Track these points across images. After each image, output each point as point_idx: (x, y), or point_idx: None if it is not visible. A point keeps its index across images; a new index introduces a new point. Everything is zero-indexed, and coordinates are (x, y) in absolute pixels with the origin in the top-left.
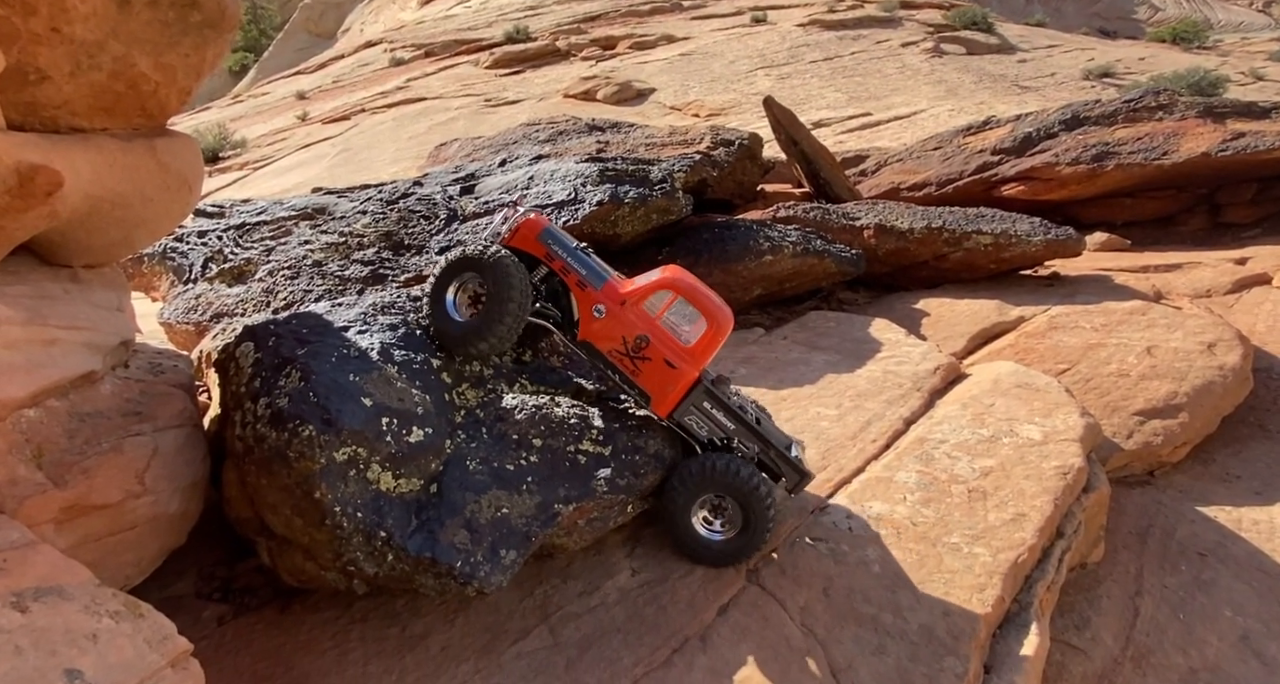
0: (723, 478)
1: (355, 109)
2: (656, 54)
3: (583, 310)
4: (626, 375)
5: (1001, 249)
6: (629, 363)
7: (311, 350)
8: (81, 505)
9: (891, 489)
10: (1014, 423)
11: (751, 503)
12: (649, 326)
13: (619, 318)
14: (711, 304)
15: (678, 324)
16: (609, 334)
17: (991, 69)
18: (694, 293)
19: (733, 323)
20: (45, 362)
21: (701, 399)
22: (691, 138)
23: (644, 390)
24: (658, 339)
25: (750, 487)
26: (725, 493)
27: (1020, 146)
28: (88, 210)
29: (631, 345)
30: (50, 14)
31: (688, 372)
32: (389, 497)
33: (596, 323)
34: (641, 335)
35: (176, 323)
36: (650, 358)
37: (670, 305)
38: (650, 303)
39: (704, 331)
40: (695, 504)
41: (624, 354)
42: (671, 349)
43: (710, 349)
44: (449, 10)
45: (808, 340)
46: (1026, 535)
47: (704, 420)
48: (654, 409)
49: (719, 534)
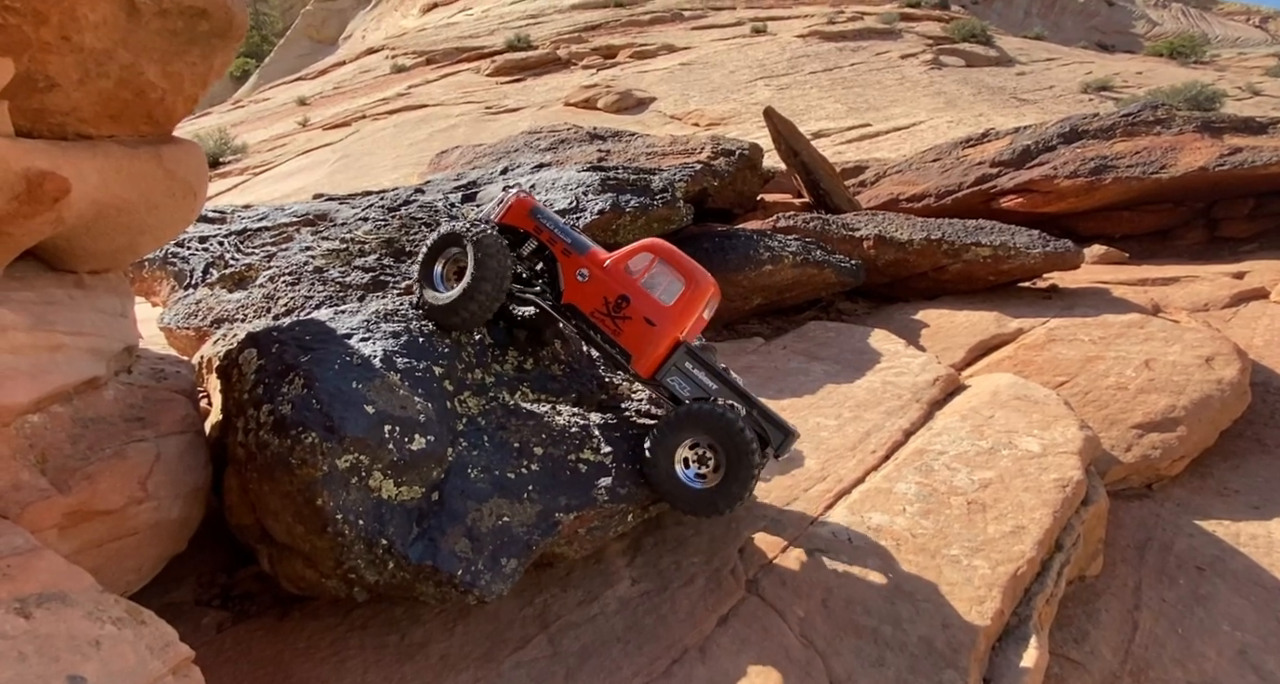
0: (708, 421)
1: (356, 115)
2: (657, 63)
3: (567, 276)
4: (608, 335)
5: (1000, 261)
6: (610, 323)
7: (315, 357)
8: (84, 511)
9: (891, 500)
10: (1013, 435)
11: (734, 448)
12: (629, 287)
13: (601, 280)
14: (690, 267)
15: (657, 285)
16: (591, 296)
17: (990, 81)
18: (673, 256)
19: (713, 286)
20: (50, 367)
21: (684, 360)
22: (692, 147)
23: (625, 349)
24: (637, 298)
25: (734, 431)
26: (710, 437)
27: (1019, 159)
28: (94, 216)
29: (613, 305)
30: (61, 23)
31: (667, 330)
32: (390, 504)
33: (579, 285)
34: (622, 295)
35: (177, 328)
36: (630, 317)
37: (650, 267)
38: (631, 266)
39: (682, 291)
40: (679, 447)
41: (605, 314)
42: (651, 308)
43: (689, 309)
44: (450, 18)
45: (807, 350)
46: (1025, 548)
47: (686, 381)
48: (636, 368)
49: (700, 481)
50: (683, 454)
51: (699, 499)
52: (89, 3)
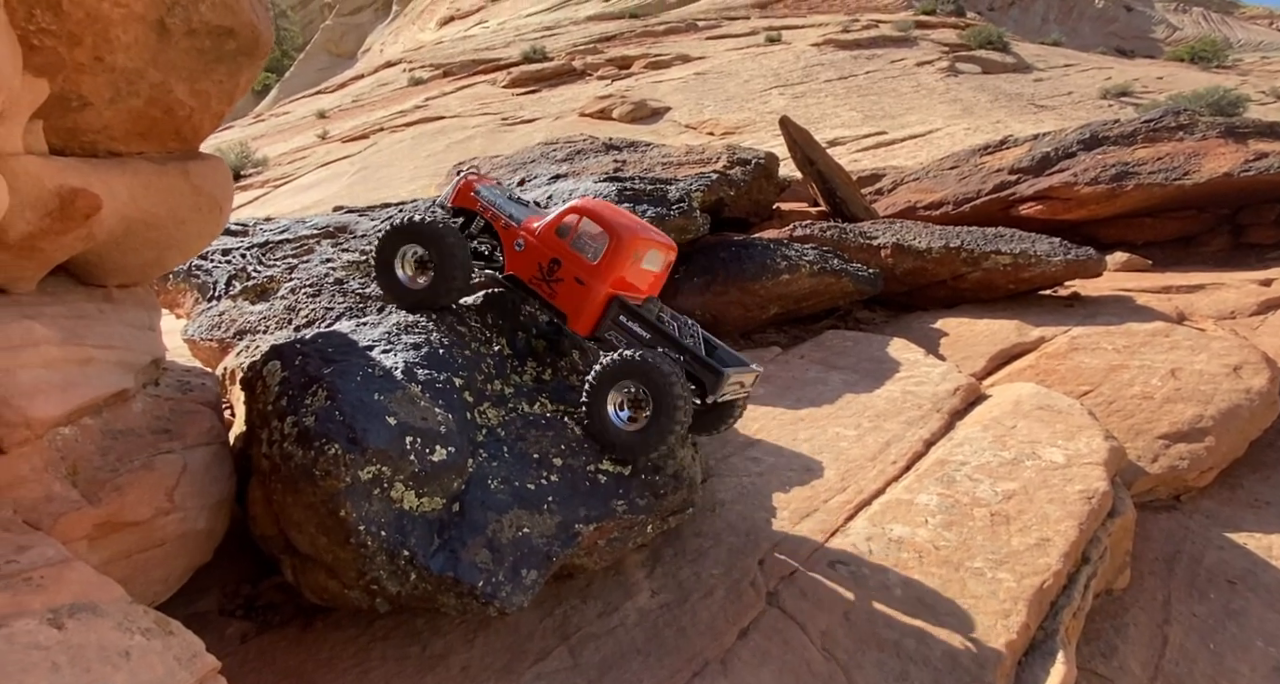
0: (637, 367)
1: (374, 128)
2: (671, 73)
3: (507, 247)
4: (544, 299)
5: (1021, 269)
6: (545, 287)
7: (337, 369)
8: (114, 522)
9: (913, 512)
10: (1036, 445)
11: (660, 391)
12: (559, 250)
13: (534, 247)
14: (615, 223)
15: (585, 245)
16: (528, 263)
17: (1007, 88)
18: (597, 213)
19: (641, 237)
20: (80, 380)
21: (618, 314)
22: (708, 157)
23: (560, 310)
24: (567, 260)
25: (660, 374)
26: (638, 382)
27: (1038, 166)
28: (123, 232)
29: (546, 269)
30: (94, 44)
31: (596, 287)
32: (412, 515)
33: (517, 255)
34: (554, 259)
35: (200, 340)
36: (563, 279)
37: (578, 227)
38: (561, 229)
39: (607, 247)
40: (610, 392)
41: (540, 279)
42: (580, 267)
43: (616, 263)
44: (467, 31)
45: (825, 360)
46: (1051, 561)
47: (624, 335)
48: (574, 328)
49: (630, 423)
50: (615, 397)
51: (629, 439)
52: (121, 24)
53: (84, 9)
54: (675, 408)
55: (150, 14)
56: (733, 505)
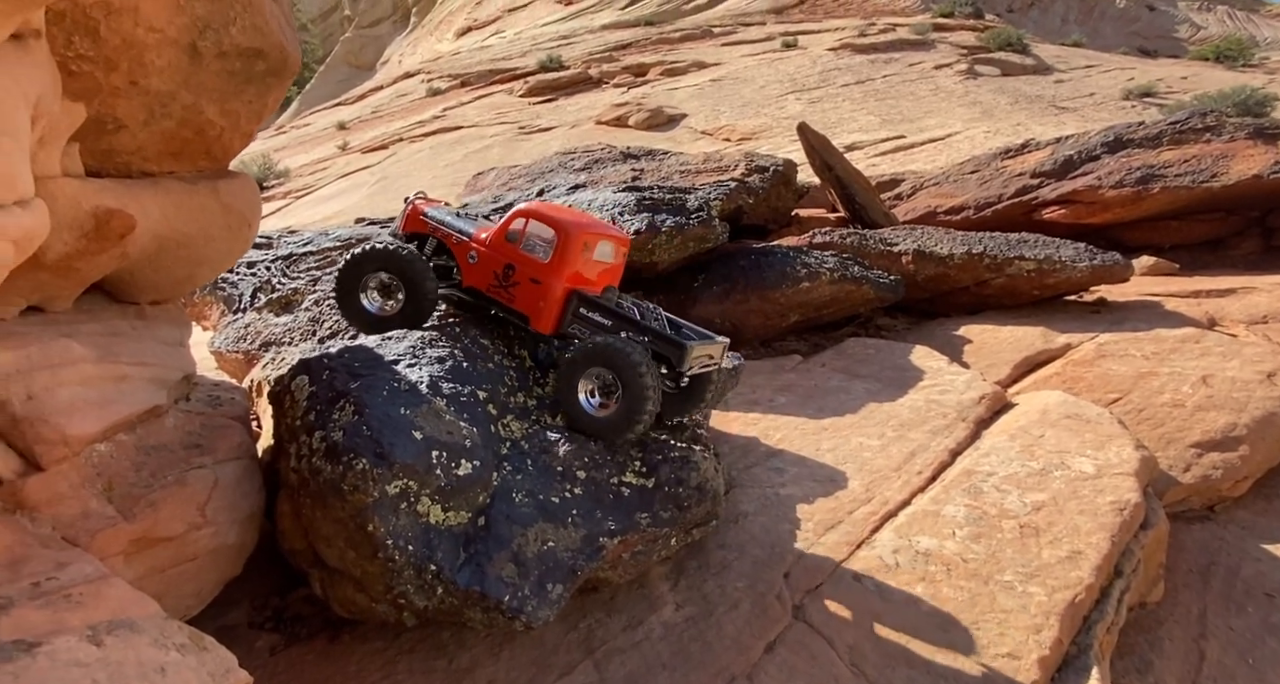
0: (602, 353)
1: (393, 138)
2: (687, 80)
3: (461, 262)
4: (504, 304)
5: (1045, 275)
6: (503, 293)
7: (364, 384)
8: (148, 538)
9: (939, 523)
10: (1065, 455)
11: (626, 374)
12: (510, 255)
13: (487, 256)
14: (561, 219)
15: (535, 246)
16: (483, 273)
17: (1028, 90)
18: (542, 213)
19: (589, 231)
20: (116, 397)
21: (578, 307)
22: (726, 164)
23: (521, 313)
24: (520, 263)
25: (623, 357)
26: (605, 368)
27: (1061, 169)
28: (155, 250)
29: (501, 276)
30: (130, 68)
31: (552, 284)
32: (439, 529)
33: (472, 267)
34: (507, 265)
35: (227, 351)
36: (519, 282)
37: (525, 230)
38: (510, 234)
39: (555, 244)
40: (580, 380)
41: (498, 286)
42: (533, 268)
43: (567, 258)
44: (484, 41)
45: (847, 368)
46: (1083, 574)
47: (587, 327)
48: (537, 328)
49: (600, 409)
50: (586, 385)
51: (603, 424)
52: (156, 48)
53: (121, 35)
54: (643, 389)
55: (183, 38)
56: (756, 517)
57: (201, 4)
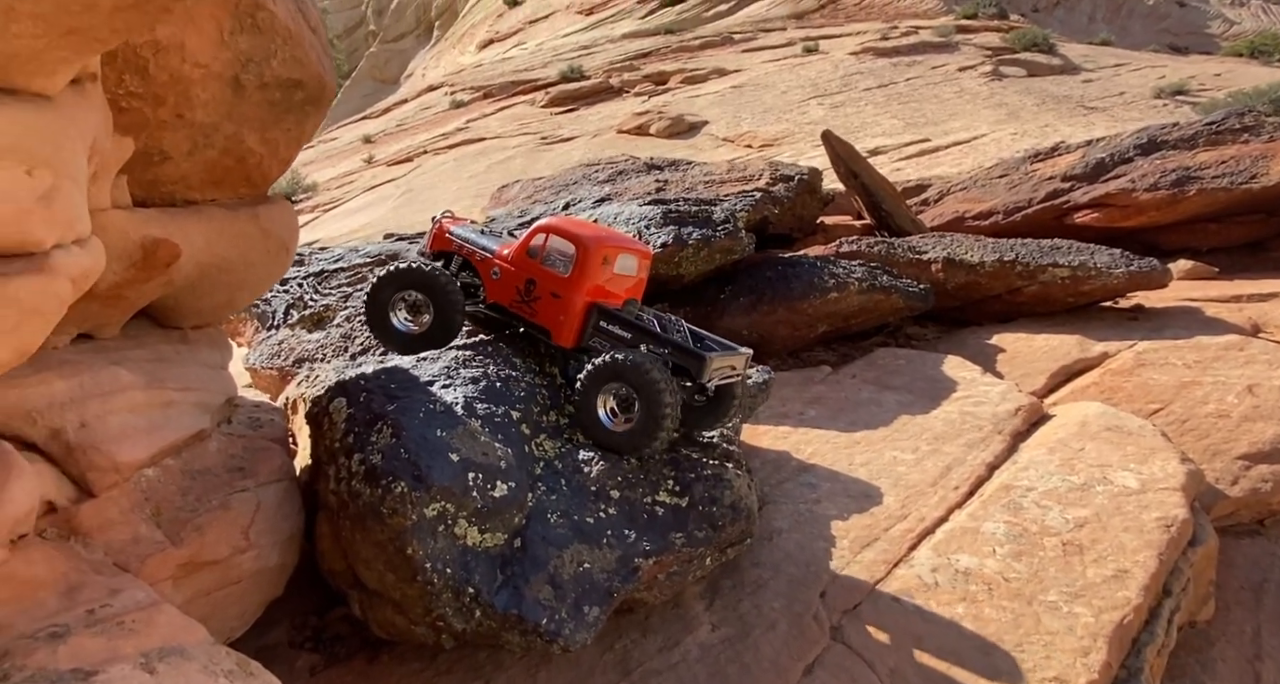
0: (619, 368)
1: (418, 151)
2: (708, 87)
3: (485, 278)
4: (527, 319)
5: (1080, 282)
6: (526, 308)
7: (401, 406)
8: (195, 562)
9: (979, 541)
10: (1107, 469)
11: (645, 388)
12: (532, 270)
13: (509, 272)
14: (580, 234)
15: (555, 261)
16: (506, 289)
17: (1055, 90)
18: (562, 228)
19: (608, 244)
20: (163, 423)
21: (598, 321)
22: (750, 174)
23: (543, 327)
24: (541, 278)
25: (642, 372)
26: (623, 382)
27: (1093, 172)
28: (198, 276)
29: (524, 291)
30: (176, 103)
31: (573, 298)
32: (476, 551)
33: (495, 283)
34: (529, 280)
35: (261, 368)
36: (540, 296)
37: (546, 246)
38: (531, 250)
39: (575, 258)
40: (599, 396)
41: (520, 302)
42: (554, 283)
43: (587, 272)
44: (506, 53)
45: (878, 379)
46: (1131, 594)
47: (606, 340)
48: (559, 343)
49: (620, 423)
50: (605, 400)
51: (622, 439)
52: (201, 83)
53: (168, 71)
54: (661, 403)
55: (227, 72)
56: (790, 534)
57: (245, 39)
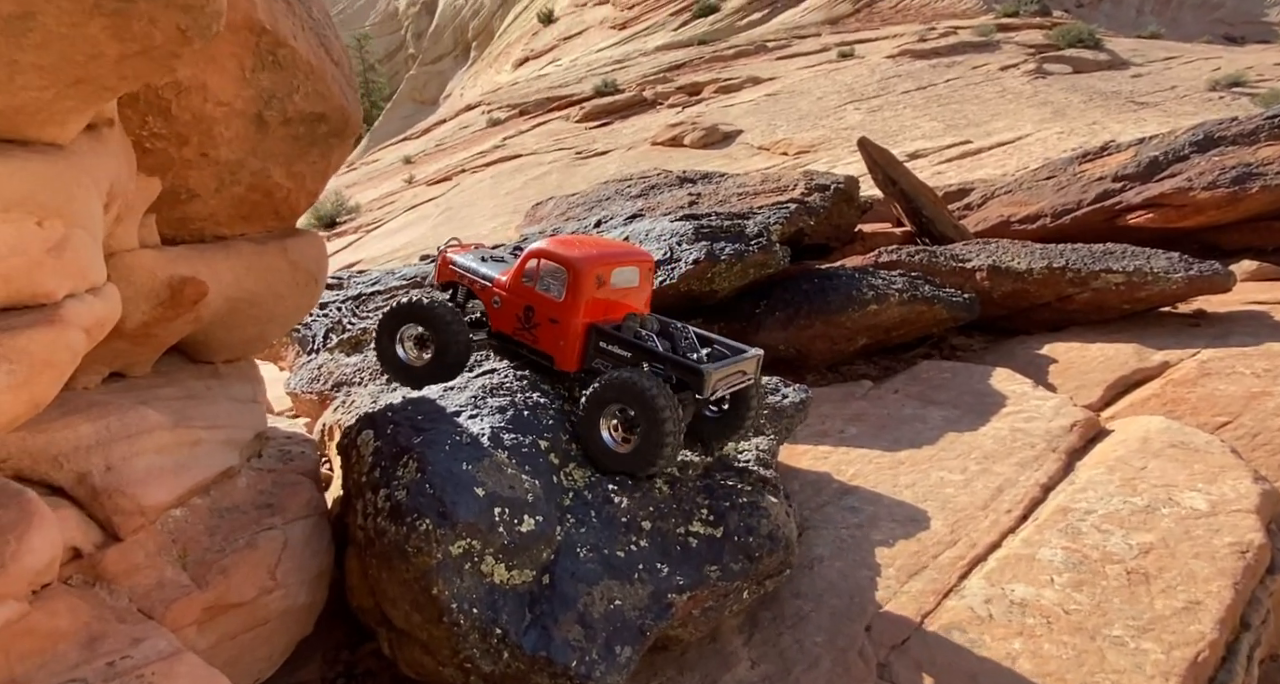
0: (619, 387)
1: (456, 170)
2: (742, 96)
3: (488, 307)
4: (530, 346)
5: (1136, 288)
6: (527, 335)
7: (427, 439)
8: (220, 605)
9: (1035, 569)
10: (1172, 489)
11: (644, 407)
12: (529, 296)
13: (508, 300)
14: (566, 255)
15: (550, 285)
16: (508, 317)
17: (1103, 86)
18: (551, 251)
19: (599, 263)
20: (190, 463)
21: (598, 341)
22: (785, 184)
23: (545, 353)
24: (538, 304)
25: (640, 390)
26: (624, 402)
27: (1146, 172)
28: (227, 311)
29: (524, 318)
30: (200, 142)
31: (569, 322)
32: (503, 589)
33: (497, 312)
34: (527, 306)
35: (302, 393)
36: (539, 323)
37: (540, 271)
38: (526, 276)
39: (566, 281)
40: (601, 417)
41: (522, 329)
42: (550, 308)
43: (580, 295)
44: (541, 70)
45: (921, 394)
46: (1204, 628)
47: (607, 361)
48: (562, 368)
49: (622, 444)
50: (607, 422)
51: (626, 459)
52: (224, 121)
53: (191, 111)
54: (661, 421)
55: (250, 109)
56: (832, 562)
57: (266, 76)
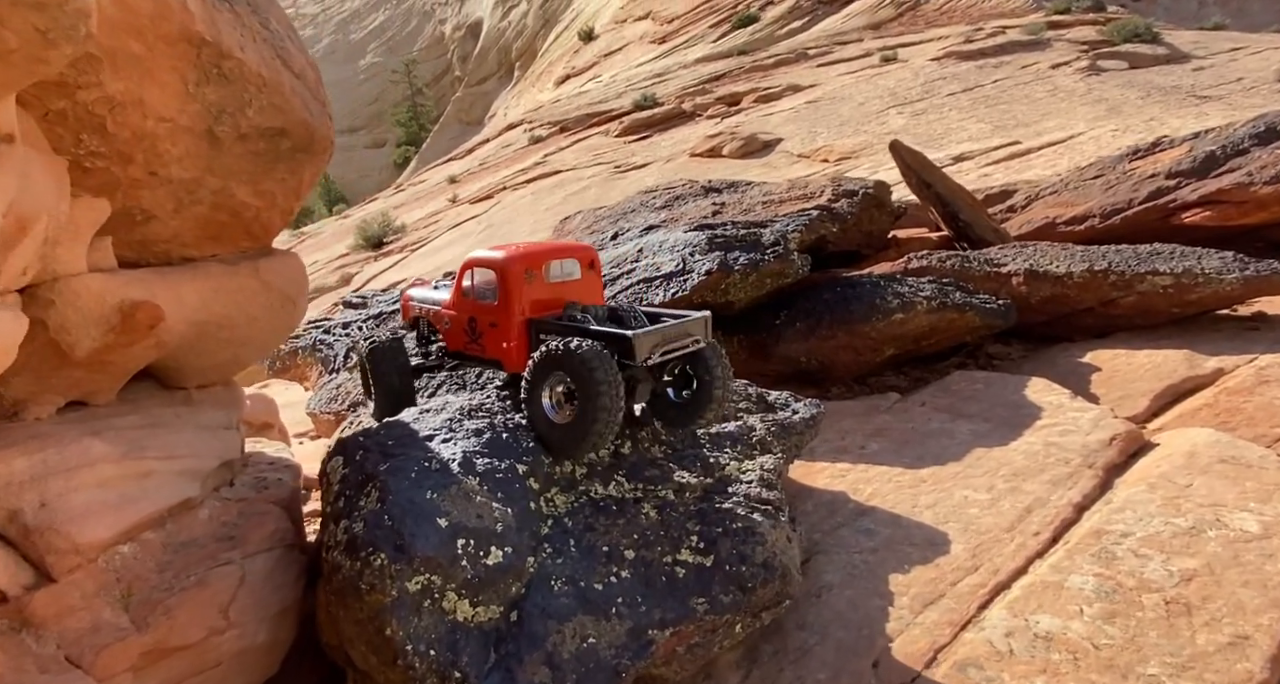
0: (554, 358)
1: (498, 187)
2: (782, 104)
3: (441, 330)
4: (480, 357)
5: (1185, 290)
6: (476, 346)
7: (393, 466)
8: (161, 649)
9: (1063, 598)
10: (1220, 510)
11: (579, 376)
12: (470, 308)
13: (455, 318)
14: (492, 258)
15: (484, 293)
16: (457, 334)
17: (1161, 81)
18: (479, 259)
19: (529, 259)
20: (138, 496)
21: (538, 335)
22: (811, 191)
23: (494, 359)
24: (478, 313)
25: (575, 356)
26: (562, 371)
27: (1202, 167)
28: (195, 336)
29: (469, 331)
30: (146, 160)
31: (508, 322)
32: (466, 627)
33: (450, 332)
34: (469, 318)
35: (320, 413)
36: (483, 331)
37: (475, 281)
38: (464, 289)
39: (497, 283)
40: (543, 389)
41: (470, 342)
42: (488, 313)
43: (511, 294)
44: (582, 87)
45: (950, 406)
46: (1253, 666)
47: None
48: (511, 370)
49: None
50: (549, 392)
51: (566, 431)
52: (169, 138)
53: (129, 128)
54: (594, 385)
55: (198, 125)
56: (841, 590)
57: (213, 90)
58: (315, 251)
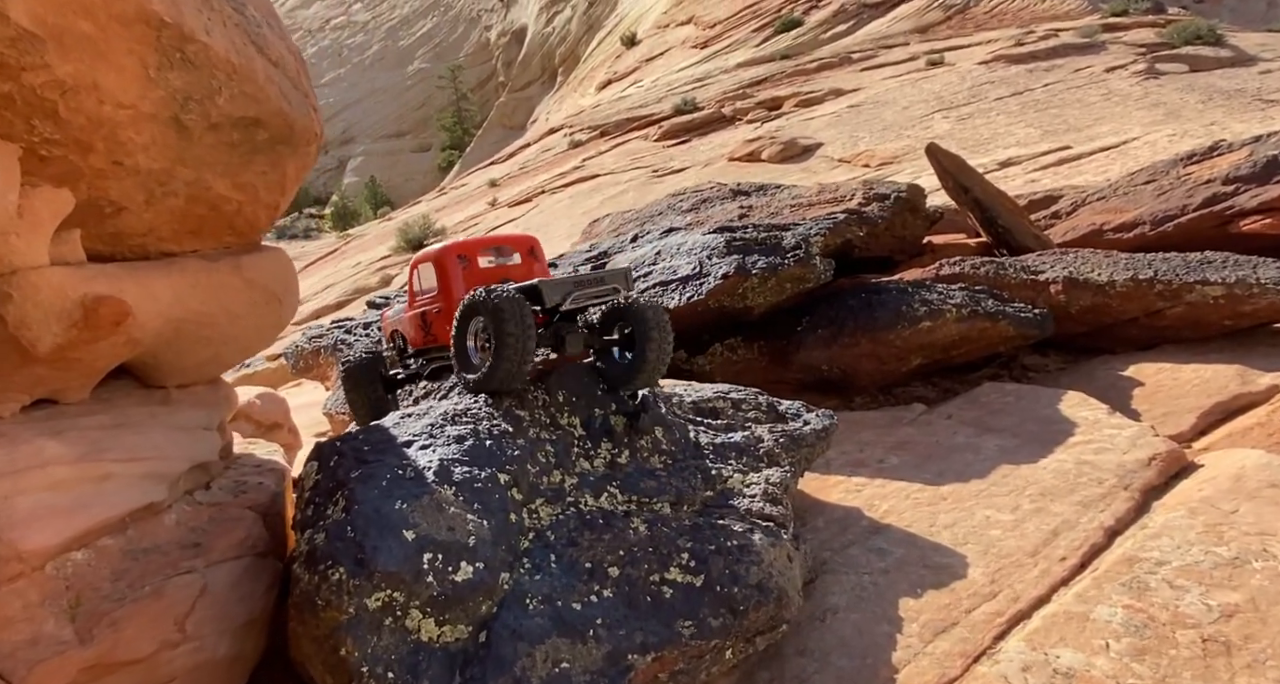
0: (476, 301)
1: (537, 191)
2: (824, 109)
3: (407, 336)
4: (436, 347)
5: (1238, 302)
6: (431, 337)
7: (365, 473)
8: (105, 664)
9: (1088, 631)
10: (1268, 539)
11: (492, 317)
12: (421, 304)
13: (413, 318)
14: (429, 252)
15: (429, 285)
16: (417, 331)
17: (1224, 85)
18: (421, 256)
19: (463, 248)
20: (93, 500)
21: None
22: (842, 195)
23: (445, 345)
24: (425, 306)
25: (489, 302)
26: (480, 314)
27: (1263, 173)
28: (173, 333)
29: (423, 325)
30: (107, 149)
31: (450, 306)
32: (430, 648)
33: (412, 332)
34: (421, 313)
35: (335, 413)
36: (433, 322)
37: (421, 278)
38: (415, 289)
39: (436, 273)
40: (467, 332)
41: (426, 335)
42: (434, 302)
43: (449, 279)
44: (623, 92)
45: (978, 419)
46: None
47: None
48: None
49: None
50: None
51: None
52: (131, 126)
53: (84, 114)
54: (505, 331)
55: (162, 112)
56: (847, 613)
57: (177, 75)
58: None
